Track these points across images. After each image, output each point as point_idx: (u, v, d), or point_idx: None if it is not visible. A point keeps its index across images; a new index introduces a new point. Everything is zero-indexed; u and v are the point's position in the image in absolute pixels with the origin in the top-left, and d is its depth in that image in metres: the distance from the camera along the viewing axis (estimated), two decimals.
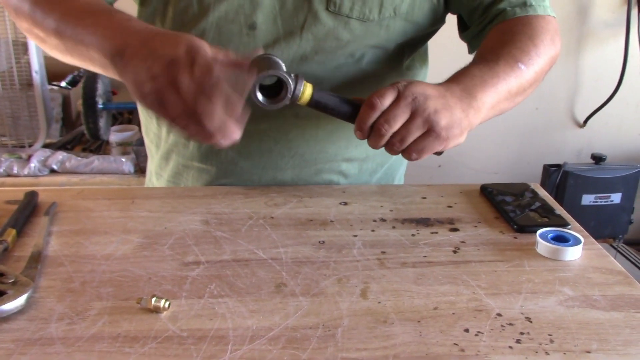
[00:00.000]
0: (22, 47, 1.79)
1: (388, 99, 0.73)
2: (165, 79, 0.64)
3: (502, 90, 0.80)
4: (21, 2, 0.80)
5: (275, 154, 0.92)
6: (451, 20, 0.96)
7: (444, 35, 0.98)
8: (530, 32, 0.85)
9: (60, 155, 1.79)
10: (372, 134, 0.74)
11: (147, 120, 1.02)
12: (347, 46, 0.87)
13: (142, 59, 0.66)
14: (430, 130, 0.73)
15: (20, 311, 0.60)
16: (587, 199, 2.18)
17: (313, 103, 0.75)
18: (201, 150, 0.94)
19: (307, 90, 0.74)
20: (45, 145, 1.88)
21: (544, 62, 0.85)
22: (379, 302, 0.63)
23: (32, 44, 1.78)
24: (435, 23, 0.92)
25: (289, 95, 0.72)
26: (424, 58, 1.00)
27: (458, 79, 0.79)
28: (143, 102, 0.66)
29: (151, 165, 1.06)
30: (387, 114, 0.73)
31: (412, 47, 0.94)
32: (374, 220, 0.80)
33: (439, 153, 0.79)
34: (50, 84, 1.94)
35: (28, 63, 1.80)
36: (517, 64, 0.81)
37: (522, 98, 0.85)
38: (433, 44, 1.00)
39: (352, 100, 0.77)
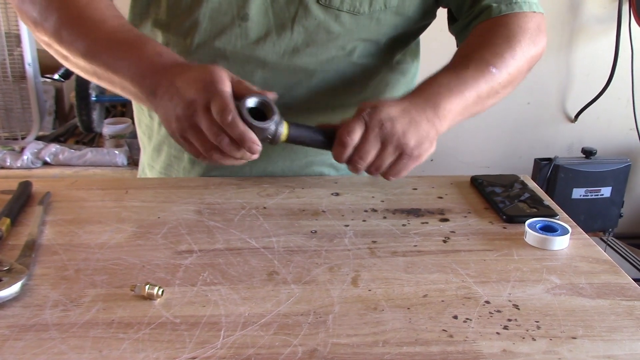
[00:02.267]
0: (15, 39, 1.79)
1: (357, 134, 0.74)
2: (186, 120, 0.70)
3: (470, 96, 0.81)
4: (43, 17, 0.81)
5: (267, 145, 0.93)
6: (443, 14, 0.97)
7: (436, 29, 0.99)
8: (508, 33, 0.85)
9: (54, 147, 1.79)
10: (350, 167, 0.77)
11: (140, 112, 1.02)
12: (338, 39, 0.88)
13: (169, 99, 0.71)
14: (402, 154, 0.75)
15: (15, 298, 0.61)
16: (578, 193, 2.20)
17: (291, 139, 0.76)
18: None
19: (285, 129, 0.75)
20: (38, 138, 1.88)
21: (521, 63, 0.85)
22: (370, 290, 0.64)
23: (25, 36, 1.77)
24: (425, 17, 0.93)
25: (275, 116, 0.73)
26: (416, 52, 1.00)
27: (423, 89, 0.80)
28: (172, 137, 0.74)
29: (144, 157, 1.06)
30: (359, 150, 0.75)
31: (403, 41, 0.95)
32: (365, 211, 0.81)
33: None
34: (43, 76, 1.94)
35: (21, 55, 1.80)
36: (489, 68, 0.82)
37: (496, 100, 0.85)
38: (425, 38, 1.01)
39: (325, 130, 0.78)
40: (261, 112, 0.73)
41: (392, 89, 0.98)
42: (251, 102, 0.72)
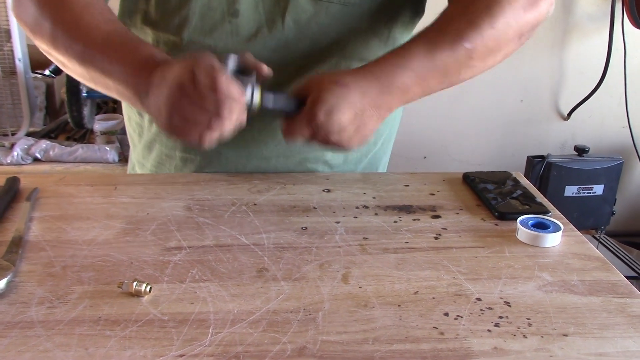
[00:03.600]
0: (4, 35, 1.78)
1: (306, 133, 0.77)
2: (174, 98, 0.69)
3: (436, 80, 0.79)
4: (38, 23, 0.80)
5: (260, 142, 0.92)
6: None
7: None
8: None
9: (44, 143, 1.78)
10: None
11: (129, 109, 1.01)
12: (329, 31, 0.87)
13: (157, 92, 0.70)
14: (332, 144, 0.78)
15: (1, 295, 0.60)
16: (570, 190, 2.20)
17: (264, 102, 0.75)
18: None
19: (259, 94, 0.74)
20: (29, 134, 1.87)
21: (504, 32, 0.80)
22: (360, 287, 0.63)
23: (15, 31, 1.76)
24: (417, 9, 0.92)
25: (254, 74, 0.73)
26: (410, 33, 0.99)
27: (390, 72, 0.78)
28: (164, 132, 0.73)
29: (133, 154, 1.05)
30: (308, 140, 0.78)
31: (397, 28, 0.94)
32: (357, 207, 0.81)
33: None
34: (33, 72, 1.92)
35: (11, 50, 1.78)
36: (462, 43, 0.77)
37: (474, 72, 0.81)
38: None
39: (294, 102, 0.77)
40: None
41: None
42: (232, 60, 0.71)
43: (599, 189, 2.22)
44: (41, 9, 0.80)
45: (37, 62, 1.93)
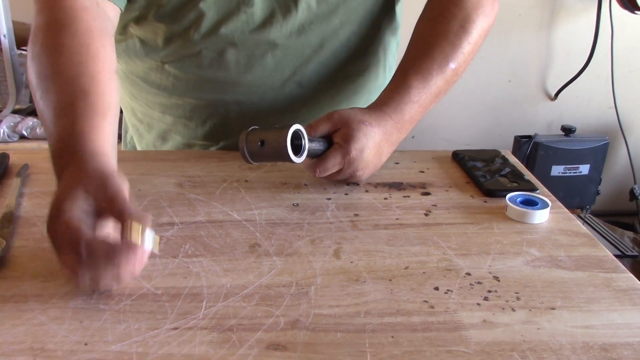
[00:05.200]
0: None
1: (333, 170, 0.78)
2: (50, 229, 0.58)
3: (432, 104, 0.85)
4: (30, 77, 0.73)
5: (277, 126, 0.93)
6: None
7: None
8: (462, 15, 0.85)
9: (31, 121, 1.77)
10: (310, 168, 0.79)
11: (132, 99, 0.99)
12: (340, 10, 0.89)
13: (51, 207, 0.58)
14: (351, 178, 0.80)
15: None
16: (557, 170, 2.22)
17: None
18: (205, 128, 0.94)
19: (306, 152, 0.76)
20: (15, 111, 1.85)
21: (477, 43, 0.87)
22: (352, 262, 0.64)
23: (0, 7, 1.73)
24: None
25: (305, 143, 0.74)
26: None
27: (402, 109, 0.81)
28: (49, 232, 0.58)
29: (140, 144, 1.04)
30: (331, 176, 0.79)
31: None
32: (348, 185, 0.81)
33: None
34: (19, 48, 1.90)
35: None
36: (449, 64, 0.84)
37: (453, 85, 0.88)
38: None
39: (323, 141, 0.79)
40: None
41: (388, 51, 1.00)
42: (289, 136, 0.72)
43: (584, 169, 2.24)
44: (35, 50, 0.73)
45: (23, 38, 1.90)
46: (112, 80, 0.71)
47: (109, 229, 0.58)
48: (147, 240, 0.55)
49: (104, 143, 0.64)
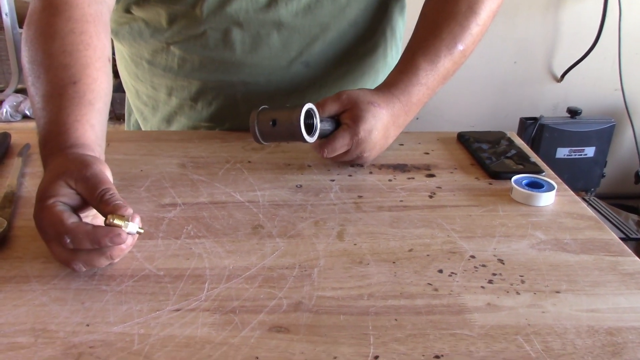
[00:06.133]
0: None
1: (341, 151, 0.77)
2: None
3: (439, 86, 0.84)
4: (23, 61, 0.73)
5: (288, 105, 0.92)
6: None
7: None
8: None
9: None
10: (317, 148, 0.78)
11: (137, 81, 0.98)
12: None
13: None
14: (357, 159, 0.80)
15: None
16: (562, 152, 2.20)
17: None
18: (211, 110, 0.93)
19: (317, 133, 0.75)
20: (18, 91, 1.84)
21: (485, 24, 0.85)
22: (355, 244, 0.63)
23: None
24: None
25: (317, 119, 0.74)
26: None
27: (409, 91, 0.81)
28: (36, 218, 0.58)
29: (145, 127, 1.03)
30: (338, 157, 0.78)
31: None
32: (352, 166, 0.81)
33: None
34: (21, 27, 1.88)
35: None
36: (457, 46, 0.83)
37: (460, 67, 0.87)
38: None
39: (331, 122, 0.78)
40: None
41: (396, 30, 0.99)
42: (302, 115, 0.71)
43: (590, 151, 2.23)
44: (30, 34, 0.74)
45: (25, 16, 1.89)
46: (103, 69, 0.71)
47: (93, 217, 0.60)
48: (130, 228, 0.55)
49: (89, 134, 0.65)
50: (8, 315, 0.51)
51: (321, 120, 0.75)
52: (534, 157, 0.84)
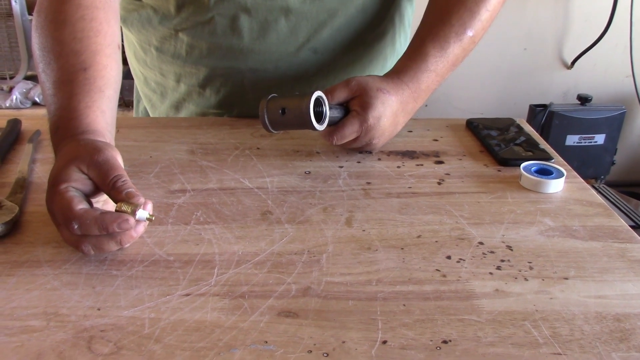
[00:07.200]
0: None
1: (351, 138, 0.77)
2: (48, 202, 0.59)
3: (448, 72, 0.84)
4: (33, 47, 0.73)
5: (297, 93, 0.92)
6: None
7: None
8: None
9: None
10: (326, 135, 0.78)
11: (145, 68, 0.98)
12: None
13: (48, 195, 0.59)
14: (366, 146, 0.80)
15: (7, 234, 0.60)
16: (572, 140, 2.19)
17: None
18: (219, 96, 0.93)
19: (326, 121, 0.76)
20: (27, 77, 1.85)
21: (495, 11, 0.85)
22: (364, 230, 0.63)
23: None
24: None
25: (326, 106, 0.74)
26: None
27: (418, 77, 0.81)
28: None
29: (153, 114, 1.03)
30: (347, 144, 0.79)
31: None
32: (360, 153, 0.81)
33: None
34: (30, 14, 1.89)
35: None
36: (467, 33, 0.82)
37: (470, 53, 0.87)
38: None
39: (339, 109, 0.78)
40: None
41: (404, 16, 0.98)
42: (312, 103, 0.72)
43: (600, 139, 2.21)
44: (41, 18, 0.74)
45: (34, 3, 1.89)
46: (113, 56, 0.71)
47: (104, 202, 0.61)
48: (139, 215, 0.56)
49: (99, 120, 0.65)
50: (21, 299, 0.52)
51: (330, 108, 0.75)
52: (543, 144, 0.84)
